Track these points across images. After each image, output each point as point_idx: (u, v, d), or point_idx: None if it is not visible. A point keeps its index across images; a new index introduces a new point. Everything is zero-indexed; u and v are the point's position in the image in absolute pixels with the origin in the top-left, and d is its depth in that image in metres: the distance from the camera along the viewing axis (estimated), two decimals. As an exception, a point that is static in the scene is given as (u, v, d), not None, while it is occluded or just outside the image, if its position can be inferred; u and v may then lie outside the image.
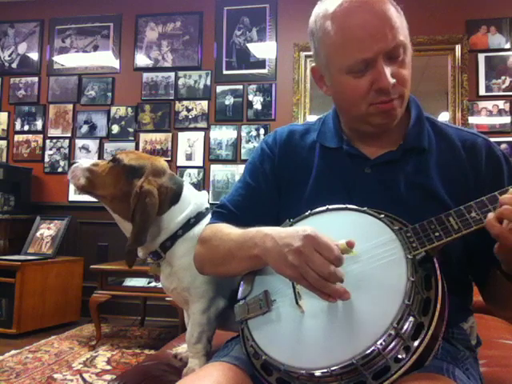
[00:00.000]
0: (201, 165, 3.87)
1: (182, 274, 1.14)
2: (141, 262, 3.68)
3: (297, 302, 0.80)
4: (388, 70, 0.85)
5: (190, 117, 3.92)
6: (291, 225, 0.90)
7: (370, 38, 0.83)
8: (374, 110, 0.89)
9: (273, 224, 0.92)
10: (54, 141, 4.14)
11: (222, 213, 1.03)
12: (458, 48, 3.54)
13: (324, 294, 0.75)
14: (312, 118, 1.04)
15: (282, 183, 1.02)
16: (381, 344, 0.70)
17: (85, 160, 1.27)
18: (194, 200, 1.19)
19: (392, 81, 0.84)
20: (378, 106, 0.88)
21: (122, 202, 1.19)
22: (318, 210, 0.89)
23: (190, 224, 1.16)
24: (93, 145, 4.06)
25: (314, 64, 0.98)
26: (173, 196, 1.18)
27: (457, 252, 0.89)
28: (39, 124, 4.18)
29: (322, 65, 0.94)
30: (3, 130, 4.23)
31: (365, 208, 0.85)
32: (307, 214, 0.90)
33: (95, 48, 4.15)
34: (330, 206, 0.88)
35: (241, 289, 0.91)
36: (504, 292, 0.87)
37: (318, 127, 1.05)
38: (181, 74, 3.96)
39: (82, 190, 1.24)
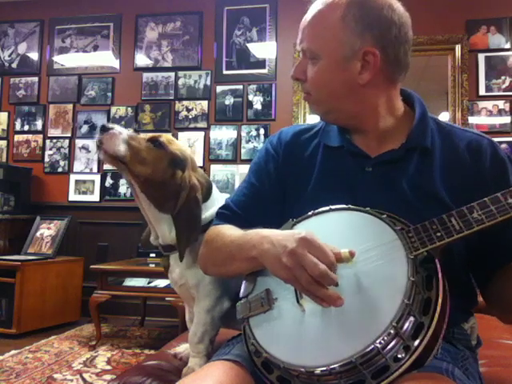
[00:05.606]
0: (201, 165, 3.86)
1: (194, 271, 1.12)
2: (142, 262, 3.64)
3: (298, 301, 0.80)
4: (302, 64, 0.94)
5: (190, 117, 3.92)
6: (294, 225, 0.90)
7: (299, 32, 0.95)
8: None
9: (276, 224, 0.92)
10: (54, 141, 4.14)
11: (225, 214, 1.03)
12: (458, 48, 3.54)
13: (317, 297, 0.75)
14: (312, 118, 1.04)
15: (285, 183, 1.01)
16: (380, 343, 0.70)
17: (119, 127, 1.11)
18: (220, 199, 1.16)
19: (294, 73, 0.96)
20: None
21: (155, 188, 1.11)
22: (320, 210, 0.89)
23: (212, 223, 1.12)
24: (93, 145, 4.05)
25: None
26: (206, 193, 1.15)
27: (459, 253, 0.89)
28: (39, 124, 4.18)
29: None
30: (3, 130, 4.23)
31: (367, 208, 0.85)
32: (310, 214, 0.90)
33: (95, 48, 4.15)
34: (333, 206, 0.88)
35: (243, 287, 0.91)
36: None
37: (322, 127, 1.05)
38: (181, 73, 3.96)
39: (115, 160, 1.08)
